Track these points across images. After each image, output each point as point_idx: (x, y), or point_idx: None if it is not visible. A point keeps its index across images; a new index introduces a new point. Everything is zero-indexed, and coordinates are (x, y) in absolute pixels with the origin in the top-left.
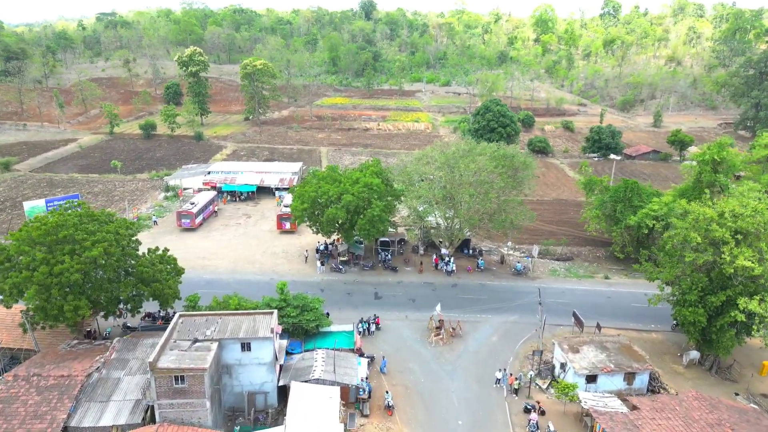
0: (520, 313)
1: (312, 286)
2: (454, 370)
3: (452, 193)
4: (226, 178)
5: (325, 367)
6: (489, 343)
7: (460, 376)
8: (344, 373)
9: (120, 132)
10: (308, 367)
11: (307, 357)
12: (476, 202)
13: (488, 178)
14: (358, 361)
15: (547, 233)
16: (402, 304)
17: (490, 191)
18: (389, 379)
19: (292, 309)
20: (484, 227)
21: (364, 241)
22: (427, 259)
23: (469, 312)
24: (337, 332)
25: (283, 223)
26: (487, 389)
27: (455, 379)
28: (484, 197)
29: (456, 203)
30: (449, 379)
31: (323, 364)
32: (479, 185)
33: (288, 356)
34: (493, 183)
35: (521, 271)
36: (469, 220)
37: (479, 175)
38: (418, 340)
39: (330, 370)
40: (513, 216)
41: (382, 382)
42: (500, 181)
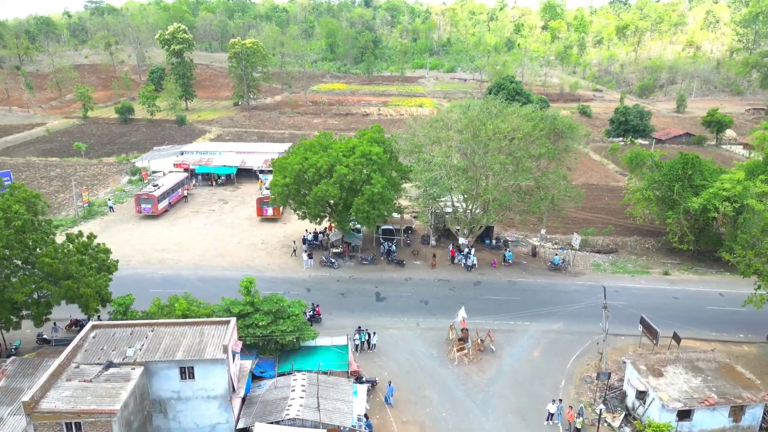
0: (566, 319)
1: (296, 285)
2: (487, 400)
3: (477, 162)
4: (202, 159)
5: (306, 401)
6: (530, 361)
7: (496, 409)
8: (333, 409)
9: (95, 116)
10: (281, 400)
11: (281, 384)
12: (509, 175)
13: (524, 143)
14: (353, 390)
15: (581, 221)
16: (412, 308)
17: (527, 160)
18: (398, 413)
19: (262, 316)
20: (515, 209)
21: (363, 228)
22: (441, 251)
23: (500, 318)
24: (324, 348)
25: (264, 208)
26: (535, 428)
27: (490, 414)
28: (519, 168)
29: (481, 177)
30: (481, 413)
31: (303, 395)
32: (513, 152)
33: (255, 383)
34: (531, 149)
35: (559, 266)
36: (499, 198)
37: (513, 138)
38: (435, 356)
39: (312, 405)
40: (555, 193)
41: (388, 418)
42: (541, 147)
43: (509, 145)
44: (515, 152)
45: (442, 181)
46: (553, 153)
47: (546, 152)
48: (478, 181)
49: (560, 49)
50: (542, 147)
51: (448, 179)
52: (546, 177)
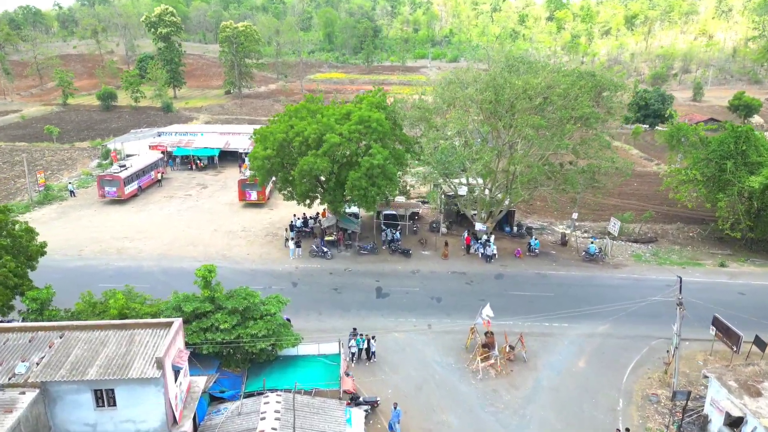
0: (612, 320)
1: (279, 278)
2: (525, 427)
3: (502, 127)
4: (181, 140)
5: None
6: (575, 374)
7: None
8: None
9: (76, 104)
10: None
11: (248, 410)
12: (543, 142)
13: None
14: (347, 416)
15: (610, 208)
16: (421, 306)
17: (568, 121)
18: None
19: (225, 316)
20: (546, 188)
21: (361, 212)
22: (453, 240)
23: (531, 318)
24: (309, 358)
25: (247, 191)
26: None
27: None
28: (558, 132)
29: (505, 147)
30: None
31: (278, 425)
32: (548, 114)
33: (213, 407)
34: (569, 108)
35: (595, 256)
36: (527, 173)
37: (546, 98)
38: (453, 367)
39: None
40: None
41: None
42: (583, 106)
43: (542, 104)
44: (551, 114)
45: (457, 153)
46: (596, 116)
47: (590, 114)
48: (502, 152)
49: (567, 39)
50: (584, 107)
51: (465, 150)
52: (588, 145)
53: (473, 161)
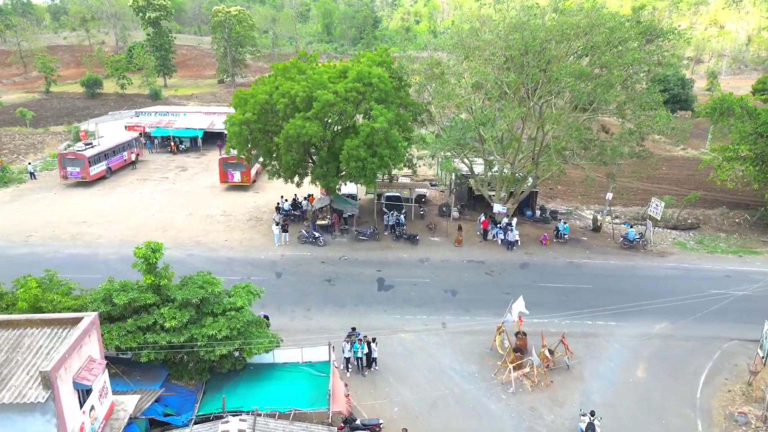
0: (669, 317)
1: (261, 267)
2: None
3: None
4: (161, 120)
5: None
6: (633, 385)
7: None
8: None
9: (60, 92)
10: None
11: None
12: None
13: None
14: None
15: (641, 193)
16: (432, 300)
17: (615, 68)
18: None
19: (174, 310)
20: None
21: (359, 194)
22: (467, 225)
23: (568, 315)
24: (290, 367)
25: (230, 172)
26: None
27: None
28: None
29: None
30: None
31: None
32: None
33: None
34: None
35: (635, 243)
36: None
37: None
38: (477, 377)
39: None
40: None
41: None
42: (633, 52)
43: (583, 50)
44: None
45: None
46: (649, 63)
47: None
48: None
49: None
50: (634, 52)
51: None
52: (640, 101)
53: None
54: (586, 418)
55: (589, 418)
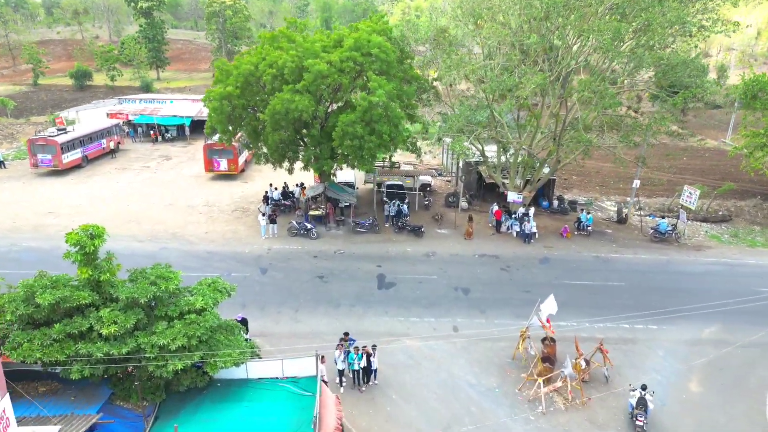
0: (719, 319)
1: (244, 262)
2: None
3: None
4: (146, 108)
5: None
6: (689, 403)
7: None
8: None
9: (48, 84)
10: None
11: None
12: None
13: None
14: None
15: (664, 184)
16: (441, 301)
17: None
18: None
19: (114, 313)
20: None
21: (356, 180)
22: (478, 217)
23: (601, 318)
24: (266, 384)
25: (215, 159)
26: None
27: None
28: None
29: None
30: None
31: None
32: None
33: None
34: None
35: (667, 235)
36: (601, 103)
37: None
38: (497, 394)
39: None
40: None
41: None
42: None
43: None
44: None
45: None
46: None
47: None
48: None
49: None
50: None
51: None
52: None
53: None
54: (637, 392)
55: (640, 392)
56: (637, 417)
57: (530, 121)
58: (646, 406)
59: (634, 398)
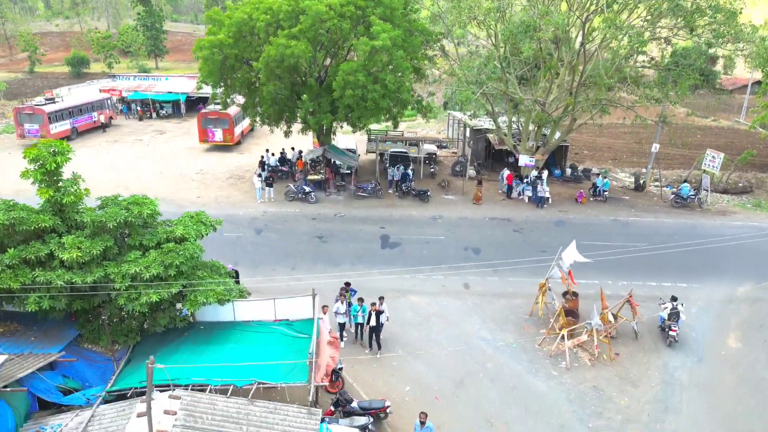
0: (753, 276)
1: (238, 224)
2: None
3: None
4: (140, 85)
5: None
6: (728, 359)
7: None
8: None
9: (45, 72)
10: None
11: (100, 426)
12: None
13: None
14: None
15: (679, 158)
16: (450, 259)
17: None
18: None
19: (79, 239)
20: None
21: (357, 147)
22: (487, 185)
23: (628, 276)
24: (256, 327)
25: (210, 129)
26: None
27: None
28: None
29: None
30: None
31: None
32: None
33: (37, 420)
34: None
35: (689, 200)
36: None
37: None
38: (514, 349)
39: None
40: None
41: None
42: None
43: None
44: None
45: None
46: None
47: None
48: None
49: None
50: None
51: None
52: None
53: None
54: (668, 304)
55: (672, 303)
56: (671, 327)
57: (545, 73)
58: (678, 317)
59: (665, 311)
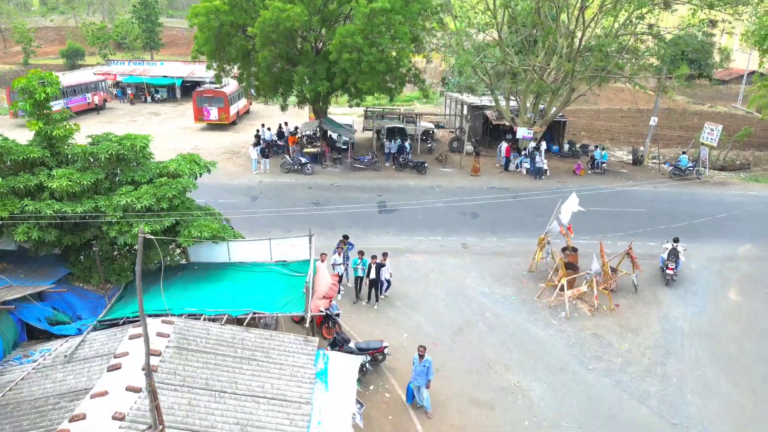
0: (753, 238)
1: (234, 192)
2: (681, 403)
3: None
4: (135, 69)
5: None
6: (729, 310)
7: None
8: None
9: (40, 64)
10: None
11: (91, 351)
12: None
13: None
14: (317, 364)
15: (675, 138)
16: (448, 222)
17: None
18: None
19: (70, 171)
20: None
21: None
22: (485, 160)
23: (627, 235)
24: (251, 266)
25: (206, 108)
26: None
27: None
28: None
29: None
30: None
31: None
32: None
33: (26, 347)
34: None
35: (688, 172)
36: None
37: None
38: (514, 301)
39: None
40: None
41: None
42: None
43: None
44: None
45: None
46: None
47: None
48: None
49: None
50: None
51: None
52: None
53: None
54: (669, 244)
55: (672, 244)
56: (668, 266)
57: (544, 39)
58: (677, 257)
59: (665, 252)
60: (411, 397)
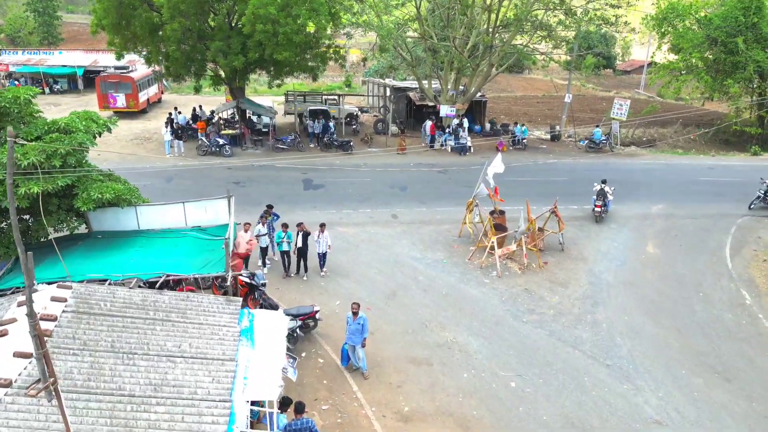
0: (666, 199)
1: (144, 175)
2: (612, 345)
3: None
4: (30, 58)
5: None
6: (648, 262)
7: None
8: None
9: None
10: None
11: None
12: None
13: None
14: (241, 322)
15: (586, 120)
16: (377, 195)
17: None
18: (385, 395)
19: None
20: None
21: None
22: (410, 140)
23: (551, 201)
24: (163, 232)
25: (111, 94)
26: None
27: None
28: None
29: None
30: (618, 372)
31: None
32: None
33: None
34: None
35: (602, 144)
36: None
37: None
38: (446, 264)
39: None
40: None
41: (360, 411)
42: None
43: None
44: None
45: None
46: None
47: None
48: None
49: None
50: None
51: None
52: None
53: None
54: (598, 186)
55: (601, 185)
56: (596, 204)
57: (462, 12)
58: (605, 197)
59: (595, 192)
60: (346, 359)
